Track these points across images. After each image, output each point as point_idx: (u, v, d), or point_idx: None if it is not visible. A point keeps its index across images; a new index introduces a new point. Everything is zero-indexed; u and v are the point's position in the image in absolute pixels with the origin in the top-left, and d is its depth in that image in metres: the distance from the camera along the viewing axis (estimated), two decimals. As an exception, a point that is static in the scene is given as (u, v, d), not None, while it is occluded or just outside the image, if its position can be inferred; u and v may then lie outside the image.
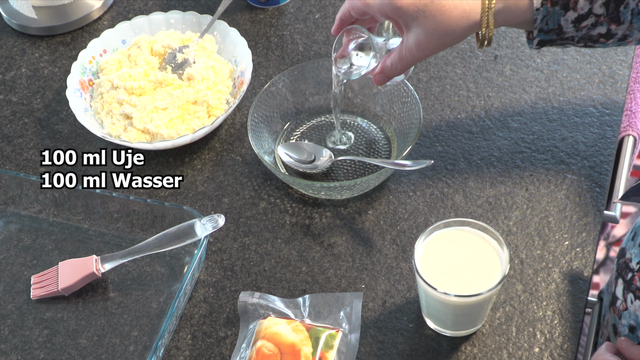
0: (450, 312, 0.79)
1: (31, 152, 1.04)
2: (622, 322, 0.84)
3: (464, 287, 0.75)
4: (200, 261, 0.88)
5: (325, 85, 1.03)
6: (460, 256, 0.78)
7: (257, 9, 1.21)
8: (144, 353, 0.84)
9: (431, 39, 0.79)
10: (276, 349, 0.79)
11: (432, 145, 1.00)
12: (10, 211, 0.96)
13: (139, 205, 0.92)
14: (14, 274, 0.91)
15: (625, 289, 0.84)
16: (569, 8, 0.77)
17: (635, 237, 0.87)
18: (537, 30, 0.79)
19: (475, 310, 0.78)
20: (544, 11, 0.77)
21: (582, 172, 0.96)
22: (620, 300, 0.85)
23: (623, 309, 0.84)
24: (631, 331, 0.83)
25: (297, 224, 0.94)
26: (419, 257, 0.78)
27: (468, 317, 0.80)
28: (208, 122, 1.01)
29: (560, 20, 0.78)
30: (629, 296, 0.84)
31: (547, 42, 0.81)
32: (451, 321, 0.81)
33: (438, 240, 0.79)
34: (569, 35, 0.80)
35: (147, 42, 1.09)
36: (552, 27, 0.79)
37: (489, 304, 0.79)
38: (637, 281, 0.83)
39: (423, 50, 0.80)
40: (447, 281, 0.76)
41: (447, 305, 0.77)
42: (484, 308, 0.79)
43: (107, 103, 1.03)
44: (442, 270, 0.77)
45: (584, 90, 1.05)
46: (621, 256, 0.88)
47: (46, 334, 0.86)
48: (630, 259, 0.85)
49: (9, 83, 1.14)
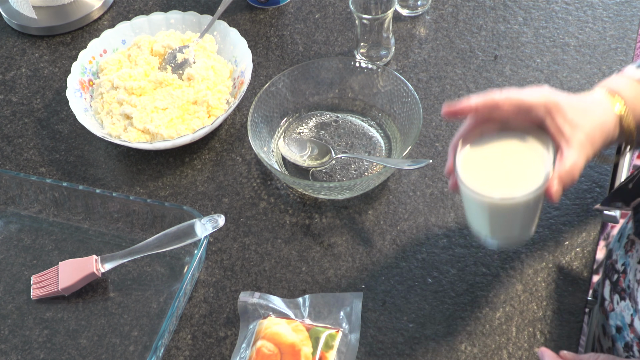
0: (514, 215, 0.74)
1: (31, 152, 1.04)
2: (609, 323, 0.85)
3: (509, 188, 0.71)
4: (200, 261, 0.88)
5: (325, 85, 1.03)
6: (502, 161, 0.74)
7: (257, 9, 1.21)
8: (144, 353, 0.84)
9: (595, 132, 0.74)
10: (276, 349, 0.79)
11: (432, 145, 1.00)
12: (10, 211, 0.96)
13: (139, 205, 0.92)
14: (14, 274, 0.91)
15: (612, 290, 0.85)
16: None
17: (621, 239, 0.88)
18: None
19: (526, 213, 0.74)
20: None
21: (582, 172, 0.96)
22: (608, 301, 0.86)
23: (610, 310, 0.85)
24: (618, 331, 0.83)
25: (297, 224, 0.94)
26: (461, 167, 0.74)
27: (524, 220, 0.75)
28: (208, 122, 1.01)
29: None
30: (615, 297, 0.84)
31: None
32: (518, 225, 0.76)
33: (478, 149, 0.75)
34: None
35: (147, 42, 1.09)
36: None
37: (536, 206, 0.75)
38: (623, 282, 0.83)
39: (593, 145, 0.74)
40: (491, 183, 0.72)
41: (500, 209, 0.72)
42: (531, 210, 0.74)
43: (107, 103, 1.03)
44: (487, 176, 0.73)
45: (584, 90, 1.05)
46: (608, 257, 0.89)
47: (46, 334, 0.86)
48: (616, 260, 0.86)
49: (9, 83, 1.14)
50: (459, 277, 0.88)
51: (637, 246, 0.83)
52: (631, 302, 0.81)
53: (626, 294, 0.82)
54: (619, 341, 0.83)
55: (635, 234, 0.83)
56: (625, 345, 0.82)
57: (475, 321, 0.84)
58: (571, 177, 0.71)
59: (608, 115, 0.74)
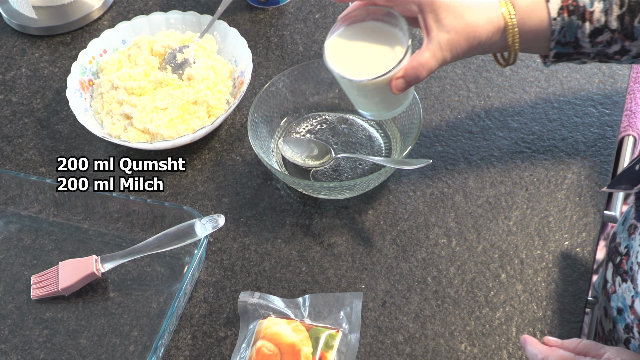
0: (371, 94, 0.83)
1: (31, 152, 1.04)
2: (611, 305, 0.85)
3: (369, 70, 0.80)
4: (200, 261, 0.88)
5: (325, 85, 1.03)
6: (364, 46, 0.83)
7: (257, 9, 1.21)
8: (144, 353, 0.84)
9: (461, 39, 0.78)
10: (276, 349, 0.79)
11: (432, 145, 1.00)
12: (10, 211, 0.96)
13: (139, 205, 0.92)
14: (14, 274, 0.91)
15: (614, 272, 0.85)
16: (585, 19, 0.78)
17: (625, 222, 0.88)
18: (554, 42, 0.80)
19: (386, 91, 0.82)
20: (561, 21, 0.78)
21: (582, 172, 0.96)
22: (610, 283, 0.86)
23: (612, 292, 0.85)
24: (619, 313, 0.83)
25: (297, 224, 0.94)
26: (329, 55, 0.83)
27: (387, 99, 0.84)
28: (208, 122, 1.01)
29: (577, 33, 0.79)
30: (617, 279, 0.84)
31: (564, 55, 0.82)
32: (375, 105, 0.86)
33: (343, 37, 0.84)
34: (585, 50, 0.81)
35: (147, 42, 1.09)
36: (570, 39, 0.80)
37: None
38: (625, 264, 0.83)
39: (452, 50, 0.79)
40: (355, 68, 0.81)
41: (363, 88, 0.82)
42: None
43: (107, 103, 1.03)
44: (350, 61, 0.82)
45: (584, 90, 1.05)
46: (612, 240, 0.89)
47: (46, 334, 0.86)
48: (619, 243, 0.86)
49: (9, 83, 1.14)
50: (459, 277, 0.88)
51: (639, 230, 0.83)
52: (633, 284, 0.81)
53: (628, 276, 0.82)
54: (619, 322, 0.84)
55: (636, 219, 0.83)
56: (626, 326, 0.82)
57: (475, 321, 0.84)
58: (416, 74, 0.79)
59: (489, 23, 0.79)
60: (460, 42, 0.78)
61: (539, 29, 0.80)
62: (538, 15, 0.79)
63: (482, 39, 0.79)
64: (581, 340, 0.75)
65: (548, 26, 0.79)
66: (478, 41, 0.79)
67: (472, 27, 0.78)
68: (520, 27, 0.80)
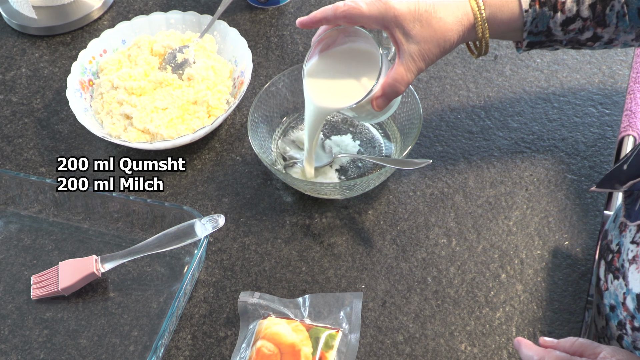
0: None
1: (31, 152, 1.04)
2: (604, 302, 0.85)
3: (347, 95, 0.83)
4: (200, 261, 0.88)
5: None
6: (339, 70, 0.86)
7: (257, 9, 1.21)
8: (144, 353, 0.84)
9: (432, 47, 0.79)
10: (276, 349, 0.79)
11: (432, 145, 1.00)
12: (10, 211, 0.96)
13: (139, 205, 0.92)
14: (14, 274, 0.91)
15: (607, 270, 0.85)
16: (557, 10, 0.79)
17: (616, 220, 0.88)
18: (526, 33, 0.81)
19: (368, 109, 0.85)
20: (532, 13, 0.79)
21: (582, 172, 0.96)
22: (602, 281, 0.86)
23: (604, 289, 0.85)
24: (611, 310, 0.84)
25: (297, 224, 0.94)
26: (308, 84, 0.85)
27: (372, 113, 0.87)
28: (208, 122, 1.01)
29: (549, 23, 0.80)
30: (609, 276, 0.84)
31: (536, 44, 0.83)
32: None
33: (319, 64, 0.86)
34: (557, 38, 0.82)
35: (147, 42, 1.09)
36: (542, 29, 0.81)
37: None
38: (617, 262, 0.83)
39: (426, 58, 0.80)
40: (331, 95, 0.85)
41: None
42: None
43: (107, 103, 1.03)
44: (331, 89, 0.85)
45: (584, 90, 1.05)
46: (604, 238, 0.89)
47: (46, 334, 0.86)
48: (611, 240, 0.87)
49: (9, 83, 1.14)
50: (459, 277, 0.88)
51: (630, 227, 0.83)
52: (624, 281, 0.81)
53: (619, 273, 0.82)
54: (612, 319, 0.84)
55: (626, 217, 0.84)
56: (619, 323, 0.82)
57: (475, 321, 0.84)
58: (394, 90, 0.81)
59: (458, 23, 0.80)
60: (432, 50, 0.80)
61: (511, 20, 0.81)
62: (509, 8, 0.80)
63: (453, 41, 0.81)
64: (576, 339, 0.75)
65: (520, 17, 0.80)
66: (450, 43, 0.81)
67: (440, 32, 0.79)
68: (492, 20, 0.81)
